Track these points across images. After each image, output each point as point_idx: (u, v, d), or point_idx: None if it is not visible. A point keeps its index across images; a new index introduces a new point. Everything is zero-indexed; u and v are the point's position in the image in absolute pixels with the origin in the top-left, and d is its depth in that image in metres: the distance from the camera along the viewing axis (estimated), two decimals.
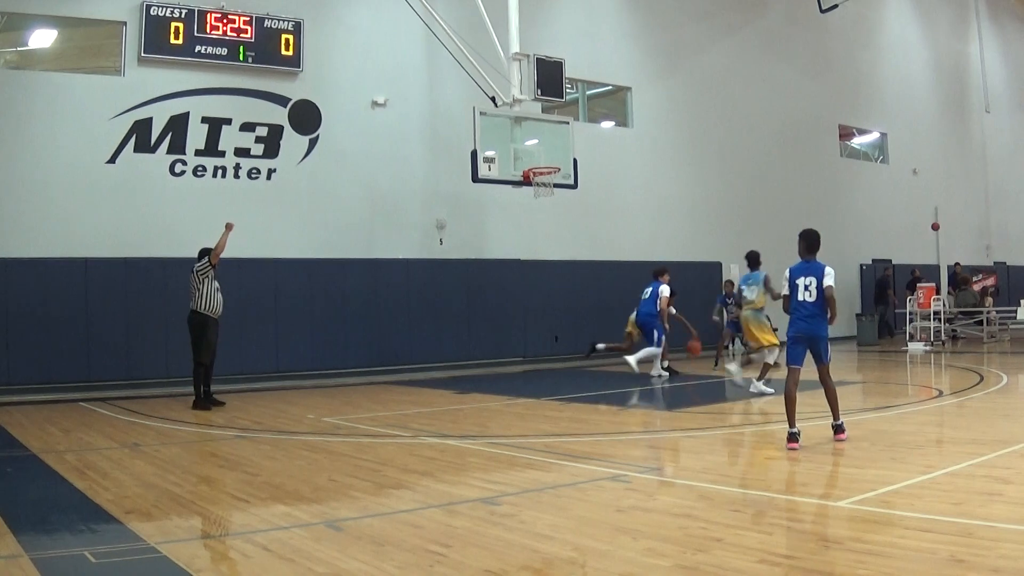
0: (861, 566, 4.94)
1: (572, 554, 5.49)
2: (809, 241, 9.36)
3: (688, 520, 6.21)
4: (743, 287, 14.33)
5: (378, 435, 10.80)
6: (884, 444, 8.69)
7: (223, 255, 13.74)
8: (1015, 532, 5.53)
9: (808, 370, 9.04)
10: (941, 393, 13.51)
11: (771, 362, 13.82)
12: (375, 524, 6.37)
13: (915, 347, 23.07)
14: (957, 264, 28.24)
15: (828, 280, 9.01)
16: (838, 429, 9.17)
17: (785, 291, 9.37)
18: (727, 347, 19.96)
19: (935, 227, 27.70)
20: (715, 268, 24.40)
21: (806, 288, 9.10)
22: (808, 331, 9.11)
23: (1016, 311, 25.62)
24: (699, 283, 22.89)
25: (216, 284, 13.79)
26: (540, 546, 5.67)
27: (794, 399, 9.01)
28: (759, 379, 13.77)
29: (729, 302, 18.44)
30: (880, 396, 14.09)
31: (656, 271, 17.52)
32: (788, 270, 9.36)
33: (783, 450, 8.63)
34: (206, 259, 13.63)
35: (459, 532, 6.07)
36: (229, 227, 13.53)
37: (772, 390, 13.26)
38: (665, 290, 17.15)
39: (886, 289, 27.66)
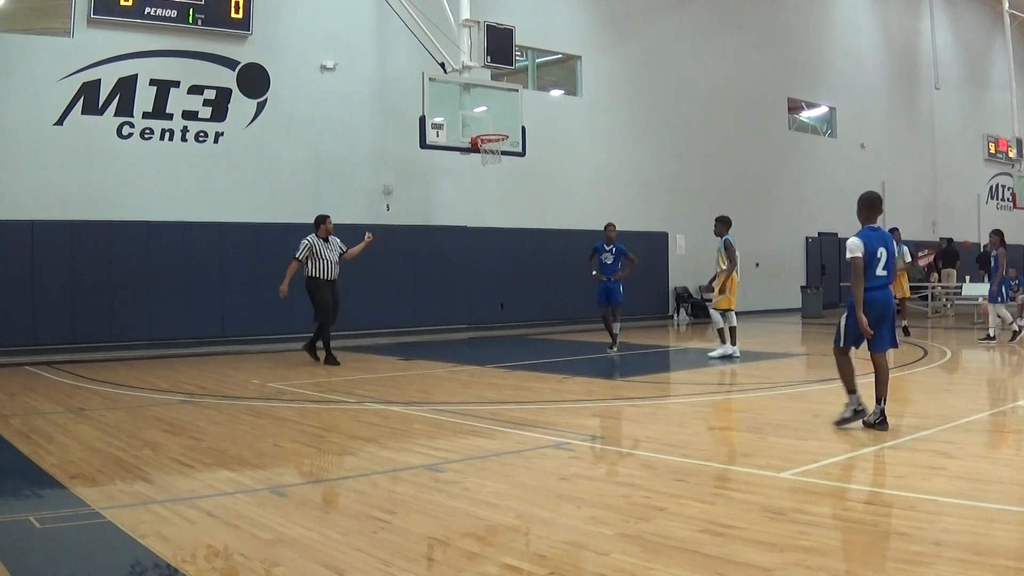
0: (803, 537, 4.99)
1: (515, 521, 5.52)
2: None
3: (631, 489, 6.28)
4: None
5: (323, 401, 10.86)
6: (827, 416, 8.64)
7: None
8: (957, 506, 5.58)
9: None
10: None
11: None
12: (319, 490, 6.43)
13: None
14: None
15: None
16: None
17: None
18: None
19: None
20: (662, 238, 24.61)
21: None
22: None
23: (961, 286, 26.05)
24: (646, 253, 23.01)
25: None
26: (484, 513, 5.70)
27: None
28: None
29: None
30: (823, 368, 14.27)
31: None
32: None
33: (726, 420, 8.62)
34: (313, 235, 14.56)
35: (403, 499, 6.12)
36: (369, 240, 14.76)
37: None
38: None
39: None
